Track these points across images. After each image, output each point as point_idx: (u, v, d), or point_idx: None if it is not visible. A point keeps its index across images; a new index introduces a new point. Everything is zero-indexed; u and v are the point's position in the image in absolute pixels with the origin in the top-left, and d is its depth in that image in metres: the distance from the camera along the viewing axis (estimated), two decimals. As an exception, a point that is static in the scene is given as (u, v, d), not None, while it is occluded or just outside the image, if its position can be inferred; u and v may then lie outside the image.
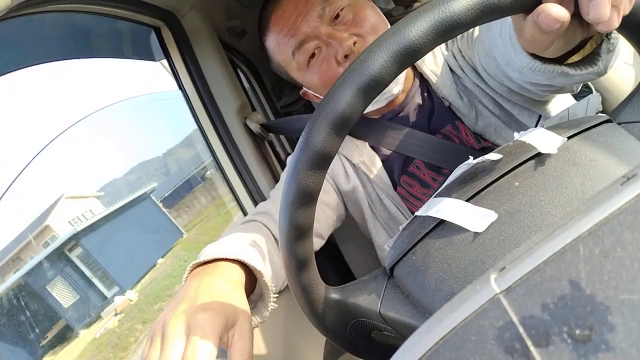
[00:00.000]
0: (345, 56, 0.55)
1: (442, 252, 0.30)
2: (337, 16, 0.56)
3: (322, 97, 0.62)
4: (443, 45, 0.62)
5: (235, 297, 0.37)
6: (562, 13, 0.25)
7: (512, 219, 0.28)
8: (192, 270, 0.42)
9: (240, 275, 0.41)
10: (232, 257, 0.41)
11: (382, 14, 0.60)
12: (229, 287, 0.38)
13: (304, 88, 0.65)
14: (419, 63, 0.62)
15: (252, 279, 0.43)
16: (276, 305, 0.43)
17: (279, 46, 0.59)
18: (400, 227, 0.36)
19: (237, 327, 0.35)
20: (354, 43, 0.54)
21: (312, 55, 0.57)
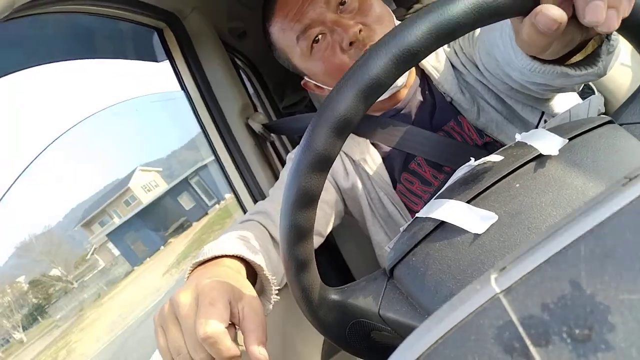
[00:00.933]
0: (351, 43, 0.55)
1: (442, 254, 0.30)
2: (343, 4, 0.56)
3: (323, 87, 0.63)
4: None
5: (240, 278, 0.38)
6: (559, 14, 0.25)
7: (512, 221, 0.28)
8: (192, 271, 0.42)
9: (241, 268, 0.42)
10: (231, 254, 0.42)
11: (386, 6, 0.60)
12: (231, 271, 0.39)
13: (305, 78, 0.65)
14: None
15: (252, 276, 0.44)
16: (278, 298, 0.44)
17: (283, 31, 0.59)
18: (401, 229, 0.36)
19: (246, 301, 0.35)
20: (360, 31, 0.54)
21: (315, 41, 0.57)
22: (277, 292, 0.44)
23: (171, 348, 0.33)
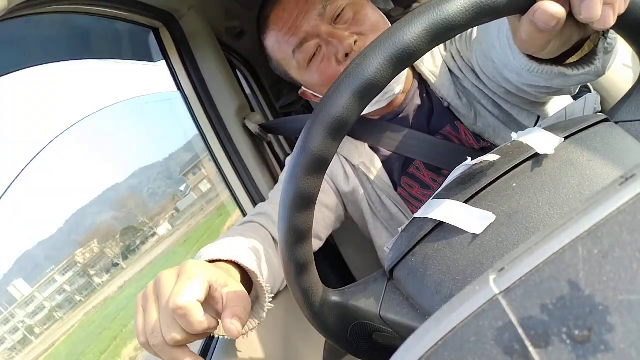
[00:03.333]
0: (346, 55, 0.54)
1: (441, 254, 0.30)
2: (338, 15, 0.56)
3: (321, 97, 0.63)
4: (442, 46, 0.63)
5: (232, 280, 0.37)
6: (558, 10, 0.25)
7: (510, 220, 0.28)
8: None
9: (236, 274, 0.41)
10: (227, 258, 0.41)
11: (382, 13, 0.60)
12: (223, 272, 0.38)
13: (302, 88, 0.65)
14: (417, 64, 0.62)
15: (248, 282, 0.43)
16: (272, 306, 0.43)
17: (279, 44, 0.59)
18: (400, 229, 0.36)
19: (230, 287, 0.34)
20: (355, 42, 0.54)
21: (313, 55, 0.57)
22: (271, 299, 0.43)
23: (146, 327, 0.32)
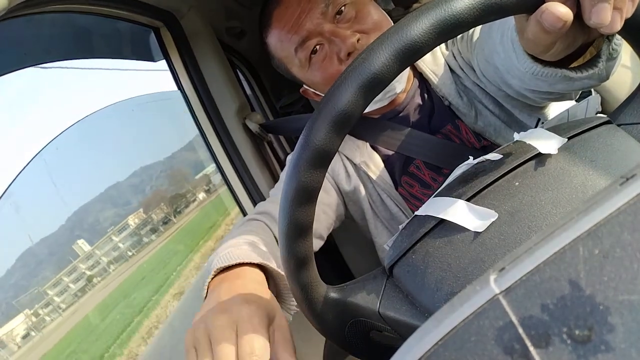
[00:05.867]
0: (349, 54, 0.54)
1: (442, 252, 0.30)
2: (340, 13, 0.56)
3: (322, 95, 0.63)
4: (443, 45, 0.62)
5: (271, 300, 0.36)
6: (565, 12, 0.25)
7: (512, 219, 0.28)
8: (213, 278, 0.40)
9: (263, 278, 0.40)
10: (255, 262, 0.40)
11: (384, 11, 0.60)
12: (259, 287, 0.38)
13: (304, 86, 0.65)
14: (418, 63, 0.62)
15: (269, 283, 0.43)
16: (298, 310, 0.42)
17: (281, 43, 0.59)
18: (400, 227, 0.36)
19: (276, 323, 0.34)
20: (358, 40, 0.54)
21: (314, 52, 0.57)
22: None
23: None
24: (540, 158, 0.30)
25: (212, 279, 0.40)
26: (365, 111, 0.63)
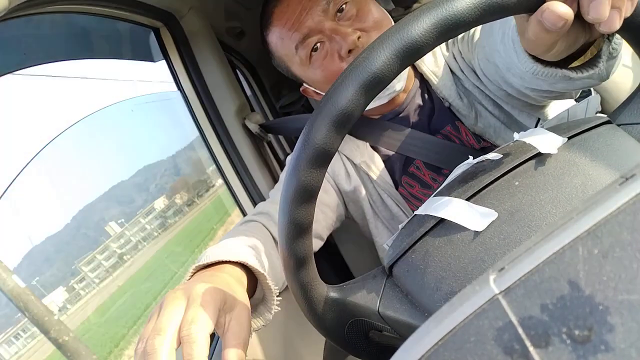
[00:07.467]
0: (349, 51, 0.54)
1: (442, 251, 0.30)
2: (341, 11, 0.56)
3: (322, 94, 0.63)
4: (443, 46, 0.63)
5: (238, 289, 0.37)
6: (566, 10, 0.25)
7: (512, 218, 0.28)
8: (193, 275, 0.41)
9: (242, 276, 0.41)
10: (234, 260, 0.41)
11: (385, 10, 0.60)
12: (232, 280, 0.38)
13: (304, 85, 0.65)
14: (419, 63, 0.62)
15: (253, 283, 0.43)
16: (279, 309, 0.42)
17: (281, 40, 0.59)
18: (400, 226, 0.36)
19: (235, 313, 0.34)
20: (358, 38, 0.54)
21: (314, 50, 0.57)
22: (278, 302, 0.42)
23: (147, 335, 0.30)
24: (540, 158, 0.30)
25: (190, 277, 0.40)
26: (366, 109, 0.63)
